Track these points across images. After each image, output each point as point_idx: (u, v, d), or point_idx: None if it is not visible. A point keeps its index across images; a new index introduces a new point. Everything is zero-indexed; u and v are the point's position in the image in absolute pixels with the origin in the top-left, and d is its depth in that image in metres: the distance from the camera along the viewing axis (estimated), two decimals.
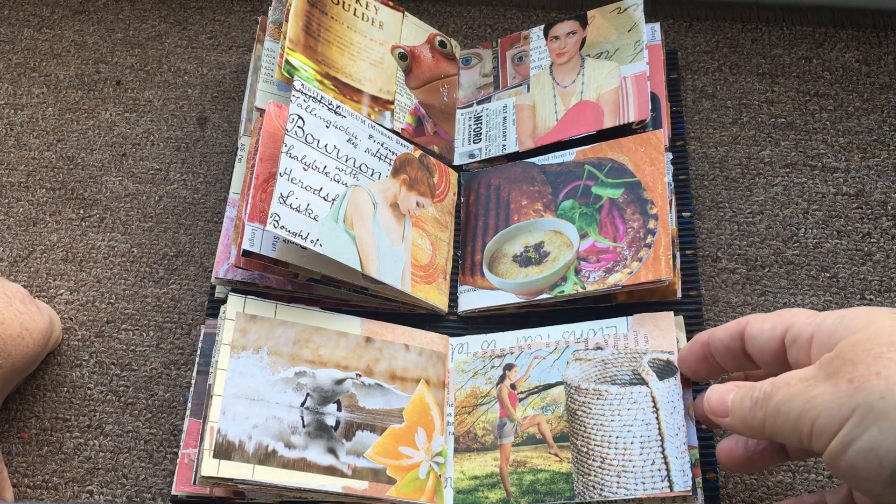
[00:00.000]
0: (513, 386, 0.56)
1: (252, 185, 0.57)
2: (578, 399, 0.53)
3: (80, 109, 0.70)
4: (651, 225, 0.57)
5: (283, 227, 0.53)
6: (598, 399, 0.53)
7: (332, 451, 0.52)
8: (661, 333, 0.54)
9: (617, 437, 0.51)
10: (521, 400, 0.55)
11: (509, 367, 0.56)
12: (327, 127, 0.58)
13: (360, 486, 0.51)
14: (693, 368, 0.50)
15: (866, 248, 0.62)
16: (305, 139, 0.56)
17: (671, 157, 0.61)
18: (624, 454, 0.50)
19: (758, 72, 0.69)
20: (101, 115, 0.70)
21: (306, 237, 0.54)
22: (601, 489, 0.50)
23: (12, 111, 0.70)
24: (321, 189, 0.56)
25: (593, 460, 0.51)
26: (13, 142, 0.69)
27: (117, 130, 0.69)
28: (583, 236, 0.58)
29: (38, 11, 0.75)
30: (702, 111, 0.68)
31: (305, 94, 0.57)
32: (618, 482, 0.50)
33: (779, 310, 0.45)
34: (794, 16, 0.71)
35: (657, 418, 0.51)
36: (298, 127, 0.56)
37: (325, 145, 0.57)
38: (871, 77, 0.68)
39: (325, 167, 0.56)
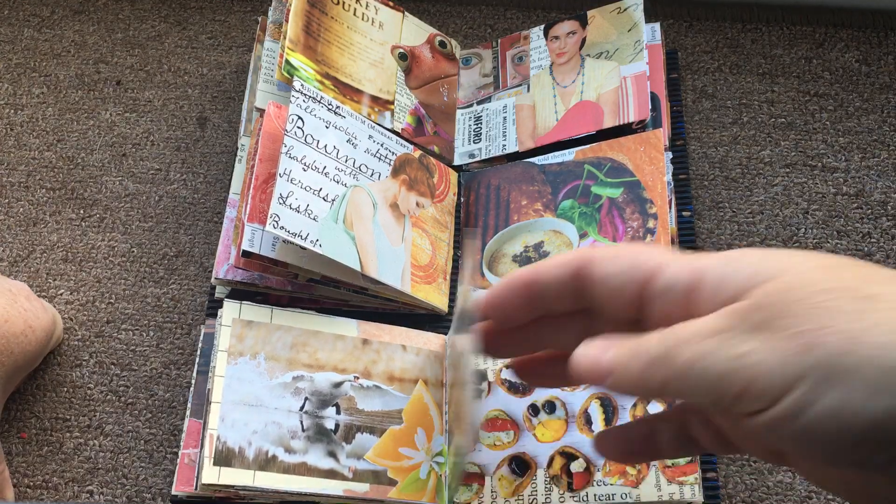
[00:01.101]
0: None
1: (252, 185, 0.57)
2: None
3: (80, 109, 0.70)
4: (650, 224, 0.57)
5: (282, 228, 0.53)
6: None
7: (332, 454, 0.52)
8: None
9: None
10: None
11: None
12: (327, 127, 0.58)
13: (361, 489, 0.51)
14: (504, 315, 0.40)
15: (866, 248, 0.62)
16: (305, 140, 0.56)
17: (671, 156, 0.61)
18: None
19: (758, 72, 0.69)
20: (101, 115, 0.70)
21: (306, 237, 0.54)
22: None
23: (12, 111, 0.70)
24: (321, 189, 0.56)
25: None
26: (13, 142, 0.69)
27: (117, 130, 0.69)
28: (582, 236, 0.58)
29: (38, 11, 0.75)
30: (702, 111, 0.68)
31: (305, 95, 0.57)
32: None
33: (626, 246, 0.39)
34: (794, 16, 0.71)
35: None
36: (298, 127, 0.56)
37: (325, 146, 0.57)
38: (871, 77, 0.68)
39: (324, 168, 0.56)
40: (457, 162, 0.65)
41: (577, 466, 0.52)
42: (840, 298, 0.31)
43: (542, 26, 0.67)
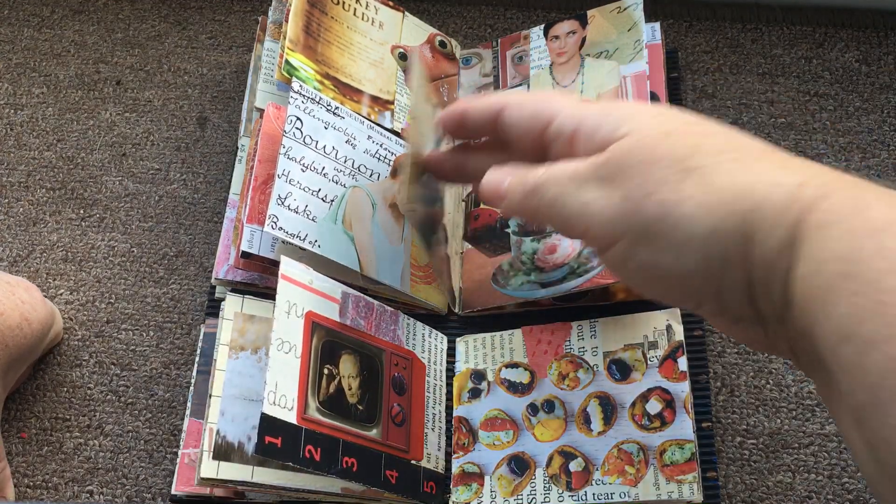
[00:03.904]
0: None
1: (251, 186, 0.57)
2: None
3: (80, 109, 0.70)
4: None
5: (280, 229, 0.53)
6: None
7: None
8: None
9: None
10: None
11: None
12: (325, 128, 0.58)
13: (358, 486, 0.51)
14: (449, 129, 0.50)
15: None
16: (304, 140, 0.56)
17: None
18: None
19: (758, 72, 0.69)
20: (101, 115, 0.70)
21: (304, 238, 0.54)
22: None
23: (12, 111, 0.70)
24: (319, 190, 0.56)
25: None
26: (13, 142, 0.69)
27: (117, 130, 0.69)
28: None
29: (38, 11, 0.75)
30: (702, 111, 0.68)
31: (303, 96, 0.57)
32: None
33: (536, 94, 0.45)
34: (794, 16, 0.71)
35: None
36: (297, 128, 0.56)
37: (324, 146, 0.57)
38: (871, 77, 0.68)
39: (323, 168, 0.57)
40: None
41: (575, 466, 0.52)
42: (667, 168, 0.37)
43: (542, 26, 0.67)
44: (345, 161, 0.58)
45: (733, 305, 0.37)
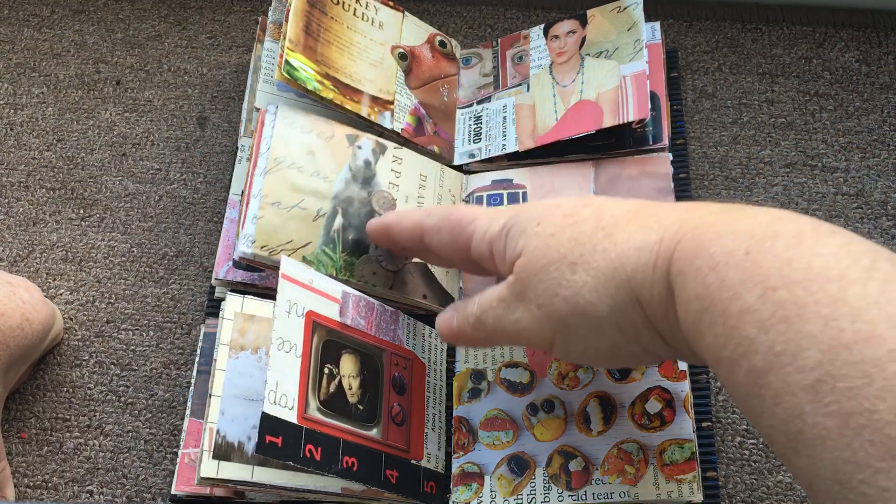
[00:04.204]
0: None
1: (248, 194, 0.57)
2: None
3: (80, 109, 0.70)
4: None
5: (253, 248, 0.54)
6: None
7: None
8: None
9: None
10: None
11: None
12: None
13: (358, 486, 0.51)
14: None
15: None
16: None
17: (671, 157, 0.61)
18: None
19: (758, 72, 0.69)
20: (101, 115, 0.70)
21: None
22: None
23: (12, 111, 0.70)
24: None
25: None
26: (13, 142, 0.69)
27: (117, 130, 0.69)
28: None
29: (38, 11, 0.75)
30: (702, 111, 0.68)
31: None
32: None
33: (448, 214, 0.49)
34: (794, 16, 0.71)
35: None
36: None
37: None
38: (871, 77, 0.68)
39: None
40: (457, 162, 0.65)
41: (575, 465, 0.52)
42: (557, 269, 0.42)
43: (542, 26, 0.67)
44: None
45: (663, 353, 0.42)
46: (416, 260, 0.58)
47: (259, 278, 0.58)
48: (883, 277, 0.32)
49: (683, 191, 0.62)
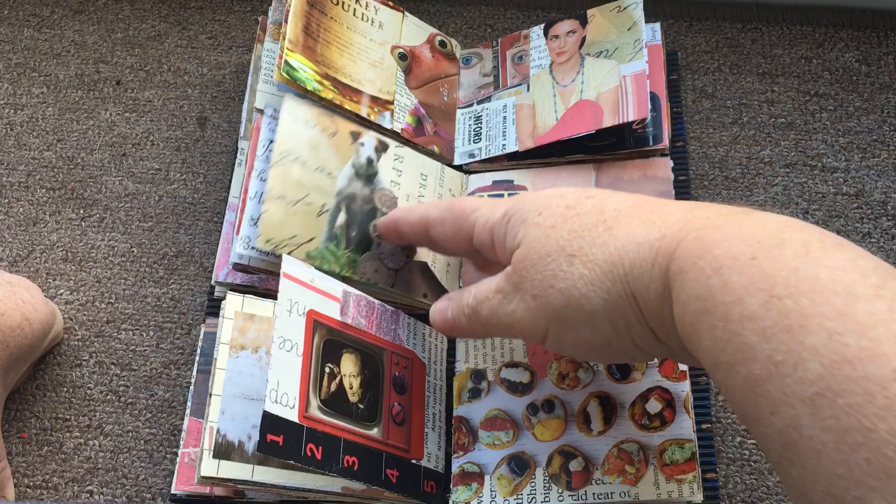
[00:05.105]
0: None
1: (244, 197, 0.57)
2: None
3: (80, 109, 0.70)
4: None
5: (254, 248, 0.54)
6: None
7: None
8: None
9: None
10: None
11: None
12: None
13: (359, 485, 0.51)
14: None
15: (866, 248, 0.62)
16: None
17: (672, 164, 0.61)
18: None
19: (758, 72, 0.69)
20: (101, 115, 0.70)
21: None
22: None
23: (12, 111, 0.70)
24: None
25: None
26: (13, 142, 0.69)
27: (117, 130, 0.69)
28: None
29: (38, 11, 0.75)
30: (702, 111, 0.68)
31: (275, 119, 0.58)
32: None
33: (452, 207, 0.50)
34: (794, 16, 0.71)
35: None
36: (270, 150, 0.57)
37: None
38: (871, 77, 0.68)
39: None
40: (457, 162, 0.65)
41: (575, 465, 0.52)
42: (555, 260, 0.42)
43: (542, 25, 0.67)
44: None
45: (655, 351, 0.42)
46: (417, 259, 0.58)
47: (259, 280, 0.58)
48: (891, 296, 0.32)
49: (683, 193, 0.62)
